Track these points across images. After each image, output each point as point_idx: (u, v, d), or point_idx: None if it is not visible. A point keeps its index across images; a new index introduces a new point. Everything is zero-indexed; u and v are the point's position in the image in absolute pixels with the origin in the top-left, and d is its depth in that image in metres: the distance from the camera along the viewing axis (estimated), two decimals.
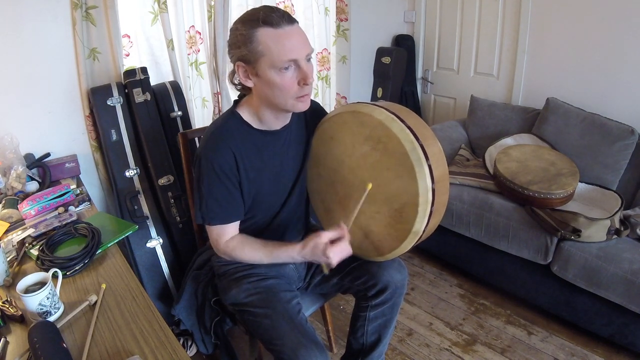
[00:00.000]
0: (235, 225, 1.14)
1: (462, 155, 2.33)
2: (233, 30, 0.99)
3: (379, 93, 2.85)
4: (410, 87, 2.98)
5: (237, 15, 1.04)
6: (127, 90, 1.74)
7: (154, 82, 1.85)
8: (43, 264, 1.06)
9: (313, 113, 1.20)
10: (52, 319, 0.89)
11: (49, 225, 1.26)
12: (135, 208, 1.71)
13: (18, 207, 1.34)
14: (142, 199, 1.73)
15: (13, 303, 0.93)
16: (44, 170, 1.61)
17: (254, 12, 0.97)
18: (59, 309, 0.92)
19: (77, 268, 1.07)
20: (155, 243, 1.70)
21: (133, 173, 1.74)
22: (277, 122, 1.11)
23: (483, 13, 2.56)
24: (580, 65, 2.19)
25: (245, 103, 1.11)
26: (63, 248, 1.16)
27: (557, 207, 1.70)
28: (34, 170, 1.59)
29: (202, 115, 2.15)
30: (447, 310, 1.92)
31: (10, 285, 1.02)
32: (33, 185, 1.53)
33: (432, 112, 3.08)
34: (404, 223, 1.02)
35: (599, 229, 1.57)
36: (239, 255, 1.13)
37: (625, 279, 1.48)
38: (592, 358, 1.63)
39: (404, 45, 2.88)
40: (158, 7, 1.80)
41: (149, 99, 1.75)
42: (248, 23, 0.96)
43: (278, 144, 1.14)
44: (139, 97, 1.73)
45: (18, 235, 1.21)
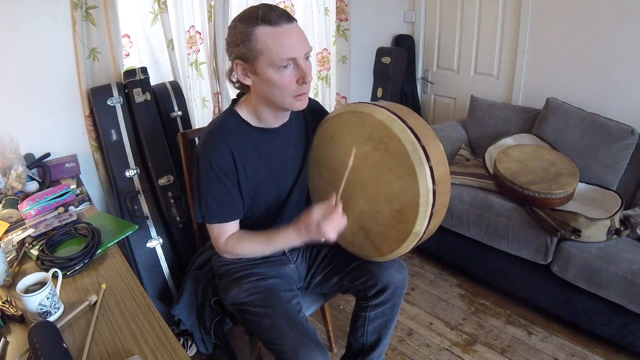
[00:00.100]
0: (235, 224, 1.14)
1: (462, 155, 2.33)
2: (232, 28, 0.99)
3: (379, 93, 2.85)
4: (410, 87, 2.98)
5: None
6: (127, 90, 1.74)
7: (154, 82, 1.85)
8: (43, 264, 1.06)
9: (313, 112, 1.20)
10: (52, 319, 0.89)
11: (49, 225, 1.26)
12: (135, 208, 1.71)
13: (18, 207, 1.34)
14: (142, 199, 1.73)
15: (13, 303, 0.93)
16: (44, 170, 1.61)
17: (253, 10, 0.96)
18: (59, 309, 0.92)
19: (77, 268, 1.07)
20: (155, 243, 1.70)
21: (133, 173, 1.74)
22: (275, 120, 1.11)
23: (483, 13, 2.56)
24: (580, 65, 2.19)
25: (244, 101, 1.11)
26: (63, 248, 1.16)
27: (557, 207, 1.70)
28: (34, 170, 1.59)
29: (202, 115, 2.15)
30: (447, 310, 1.92)
31: (10, 285, 1.02)
32: (33, 185, 1.53)
33: (432, 112, 3.08)
34: (405, 223, 1.02)
35: (599, 229, 1.57)
36: (239, 251, 1.12)
37: (625, 279, 1.48)
38: (592, 358, 1.63)
39: (404, 45, 2.88)
40: (158, 7, 1.80)
41: (149, 99, 1.75)
42: (247, 21, 0.95)
43: (277, 142, 1.14)
44: (139, 97, 1.73)
45: (18, 235, 1.21)
